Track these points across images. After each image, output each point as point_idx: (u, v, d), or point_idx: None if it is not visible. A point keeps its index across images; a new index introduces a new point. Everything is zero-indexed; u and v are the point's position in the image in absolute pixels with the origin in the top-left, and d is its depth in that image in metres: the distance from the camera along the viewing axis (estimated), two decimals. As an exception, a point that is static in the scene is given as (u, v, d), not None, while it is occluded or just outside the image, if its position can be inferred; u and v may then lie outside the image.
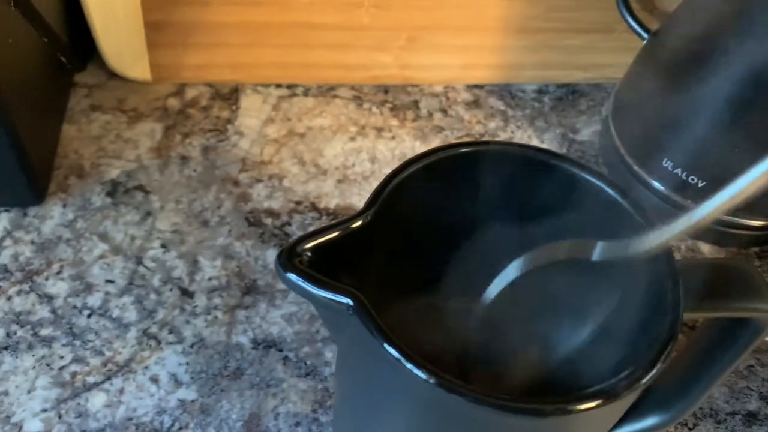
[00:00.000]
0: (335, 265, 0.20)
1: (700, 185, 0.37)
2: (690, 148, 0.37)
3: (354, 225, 0.20)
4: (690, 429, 0.32)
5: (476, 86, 0.45)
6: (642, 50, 0.40)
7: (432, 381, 0.17)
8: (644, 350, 0.18)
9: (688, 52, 0.37)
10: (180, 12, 0.40)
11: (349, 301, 0.18)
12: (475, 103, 0.45)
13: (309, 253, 0.19)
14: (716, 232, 0.39)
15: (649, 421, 0.27)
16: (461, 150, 0.21)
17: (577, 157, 0.21)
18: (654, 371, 0.18)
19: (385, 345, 0.18)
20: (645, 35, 0.40)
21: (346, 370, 0.22)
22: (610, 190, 0.22)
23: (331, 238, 0.19)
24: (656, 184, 0.39)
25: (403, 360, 0.17)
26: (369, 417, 0.22)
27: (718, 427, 0.33)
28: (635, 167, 0.40)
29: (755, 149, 0.35)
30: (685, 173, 0.37)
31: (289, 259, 0.18)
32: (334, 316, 0.19)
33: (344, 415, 0.24)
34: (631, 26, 0.40)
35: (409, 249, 0.24)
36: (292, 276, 0.18)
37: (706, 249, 0.39)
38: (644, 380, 0.18)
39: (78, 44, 0.41)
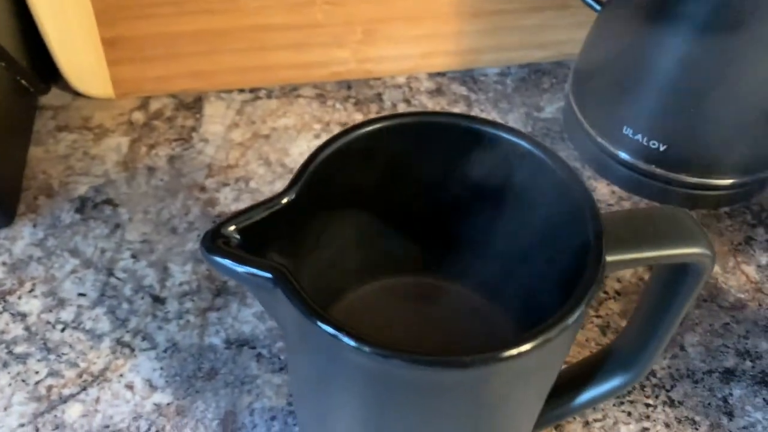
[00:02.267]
0: (273, 249, 0.20)
1: (661, 149, 0.37)
2: (646, 113, 0.37)
3: (280, 202, 0.20)
4: (668, 391, 0.32)
5: (439, 74, 0.46)
6: (595, 22, 0.40)
7: (347, 340, 0.17)
8: (570, 297, 0.18)
9: (637, 19, 0.37)
10: (134, 26, 0.41)
11: (268, 275, 0.18)
12: (438, 91, 0.45)
13: (237, 236, 0.19)
14: (684, 195, 0.39)
15: (614, 382, 0.27)
16: (387, 123, 0.22)
17: (500, 121, 0.21)
18: (574, 314, 0.18)
19: (304, 311, 0.18)
20: (597, 7, 0.40)
21: (290, 352, 0.23)
22: (531, 147, 0.22)
23: (257, 218, 0.19)
24: (622, 154, 0.39)
25: (320, 323, 0.17)
26: (317, 395, 0.22)
27: (696, 387, 0.33)
28: (599, 139, 0.40)
29: (708, 108, 0.36)
30: (645, 138, 0.37)
31: (213, 240, 0.18)
32: (266, 295, 0.19)
33: (300, 398, 0.25)
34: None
35: (356, 230, 0.24)
36: (215, 257, 0.18)
37: (676, 213, 0.39)
38: (563, 323, 0.18)
39: (40, 68, 0.41)
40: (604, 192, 0.40)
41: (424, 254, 0.25)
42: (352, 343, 0.17)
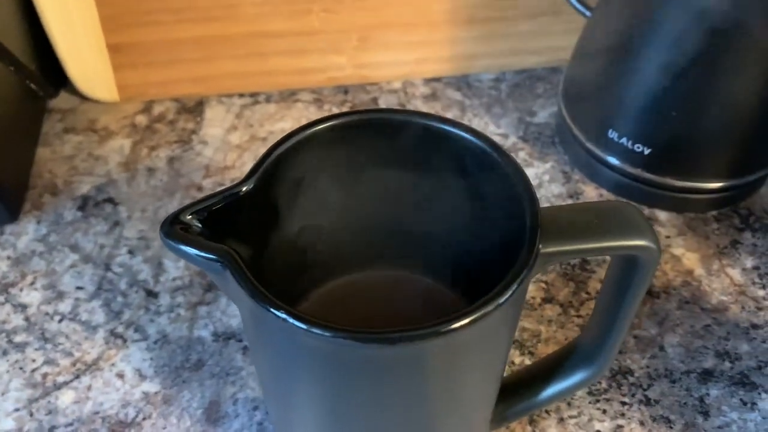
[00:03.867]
0: (238, 239, 0.21)
1: (646, 153, 0.38)
2: (629, 117, 0.38)
3: (238, 192, 0.21)
4: (644, 390, 0.33)
5: (434, 80, 0.47)
6: (584, 28, 0.41)
7: (291, 320, 0.18)
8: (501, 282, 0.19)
9: (623, 25, 0.38)
10: (139, 33, 0.42)
11: (214, 256, 0.19)
12: (433, 96, 0.46)
13: (198, 224, 0.20)
14: (671, 198, 0.39)
15: (578, 376, 0.27)
16: (346, 119, 0.23)
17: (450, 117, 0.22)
18: (504, 296, 0.19)
19: (247, 290, 0.19)
20: (587, 13, 0.41)
21: (248, 338, 0.23)
22: (478, 141, 0.22)
23: (216, 207, 0.20)
24: (609, 158, 0.40)
25: (261, 302, 0.18)
26: (274, 380, 0.23)
27: (673, 386, 0.33)
28: (587, 144, 0.40)
29: (689, 113, 0.36)
30: (630, 142, 0.38)
31: (171, 225, 0.20)
32: (222, 280, 0.20)
33: (263, 385, 0.26)
34: (573, 5, 0.41)
35: (318, 225, 0.25)
36: (169, 240, 0.20)
37: (663, 216, 0.40)
38: (492, 303, 0.18)
39: (50, 73, 0.43)
40: (591, 195, 0.41)
41: (387, 248, 0.26)
42: (297, 323, 0.18)
